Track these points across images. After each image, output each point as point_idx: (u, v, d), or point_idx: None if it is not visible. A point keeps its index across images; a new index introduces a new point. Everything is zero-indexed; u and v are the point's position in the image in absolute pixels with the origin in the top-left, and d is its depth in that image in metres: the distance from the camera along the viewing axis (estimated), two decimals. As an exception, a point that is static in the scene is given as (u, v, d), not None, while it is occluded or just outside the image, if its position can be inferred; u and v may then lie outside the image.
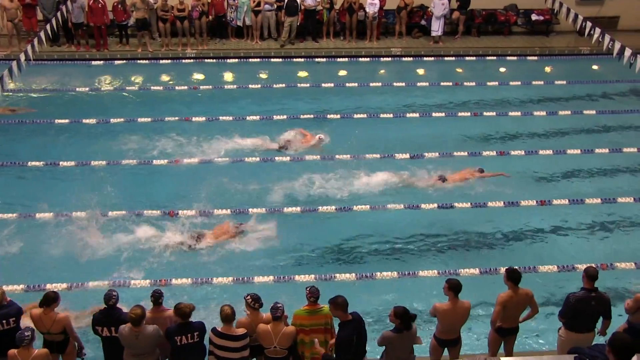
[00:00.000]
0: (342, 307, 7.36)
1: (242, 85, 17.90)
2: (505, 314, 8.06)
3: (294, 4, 19.33)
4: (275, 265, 11.04)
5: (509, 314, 8.09)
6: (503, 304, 7.98)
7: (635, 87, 17.77)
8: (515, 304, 8.05)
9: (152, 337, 7.28)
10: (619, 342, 5.78)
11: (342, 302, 7.38)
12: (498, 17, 21.27)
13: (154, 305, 7.72)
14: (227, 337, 7.36)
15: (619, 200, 12.74)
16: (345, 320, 7.39)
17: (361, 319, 7.53)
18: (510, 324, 8.22)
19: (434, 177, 13.23)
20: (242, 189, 12.89)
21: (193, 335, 7.30)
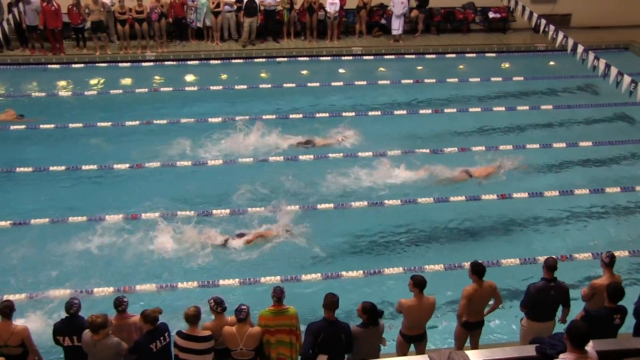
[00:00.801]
0: (325, 307, 7.36)
1: (204, 87, 17.79)
2: (470, 307, 8.20)
3: (253, 5, 19.29)
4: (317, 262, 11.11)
5: (474, 307, 8.23)
6: (468, 297, 8.11)
7: (588, 82, 18.16)
8: (480, 297, 8.19)
9: (111, 349, 7.07)
10: (575, 329, 5.95)
11: (327, 301, 7.35)
12: (456, 15, 21.54)
13: (117, 312, 7.59)
14: (192, 338, 7.30)
15: (576, 193, 13.05)
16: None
17: (332, 324, 7.37)
18: (476, 317, 8.36)
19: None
20: (202, 191, 12.92)
21: (164, 337, 7.26)
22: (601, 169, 14.10)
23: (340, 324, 7.42)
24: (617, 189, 13.20)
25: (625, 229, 12.17)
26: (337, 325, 7.38)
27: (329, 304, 7.34)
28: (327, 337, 7.30)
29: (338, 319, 7.43)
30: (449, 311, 9.83)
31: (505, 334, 9.41)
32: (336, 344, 7.37)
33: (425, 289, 7.86)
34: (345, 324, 7.48)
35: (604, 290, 7.67)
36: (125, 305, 7.60)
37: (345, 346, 7.46)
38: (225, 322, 7.63)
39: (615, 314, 7.53)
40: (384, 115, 16.09)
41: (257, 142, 14.62)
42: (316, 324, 7.41)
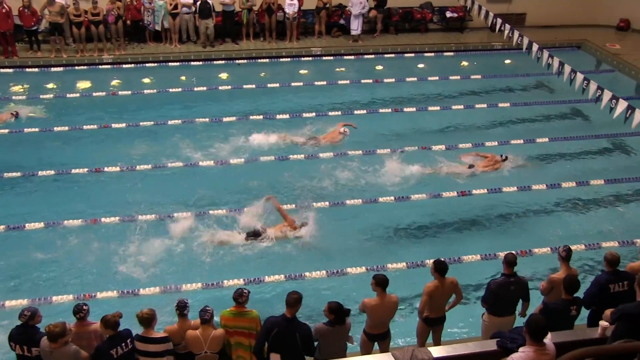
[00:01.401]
0: (286, 303, 7.30)
1: (163, 89, 17.60)
2: (432, 303, 8.29)
3: (207, 6, 19.16)
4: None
5: (435, 303, 8.32)
6: (429, 293, 8.20)
7: (543, 79, 18.54)
8: (441, 294, 8.29)
9: (69, 358, 6.92)
10: (533, 323, 6.07)
11: (288, 298, 7.31)
12: (414, 15, 21.75)
13: (77, 320, 7.46)
14: (147, 340, 7.25)
15: (534, 188, 13.28)
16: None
17: (289, 321, 7.30)
18: (437, 313, 8.45)
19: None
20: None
21: (126, 343, 7.13)
22: (557, 164, 14.38)
23: (297, 322, 7.34)
24: (573, 184, 13.49)
25: (581, 223, 12.43)
26: (294, 324, 7.30)
27: (290, 301, 7.28)
28: (281, 334, 7.24)
29: (297, 318, 7.37)
30: (412, 309, 9.92)
31: (467, 329, 9.52)
32: (290, 341, 7.28)
33: (388, 288, 7.91)
34: (305, 325, 7.43)
35: (561, 283, 7.86)
36: (84, 313, 7.46)
37: (303, 347, 7.39)
38: (188, 325, 7.58)
39: (571, 305, 7.73)
40: (344, 115, 16.12)
41: (218, 144, 14.54)
42: (272, 318, 7.38)
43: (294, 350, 7.34)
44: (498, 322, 8.23)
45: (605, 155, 14.99)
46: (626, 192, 13.47)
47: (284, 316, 7.30)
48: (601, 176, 13.77)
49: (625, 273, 8.12)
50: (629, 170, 14.10)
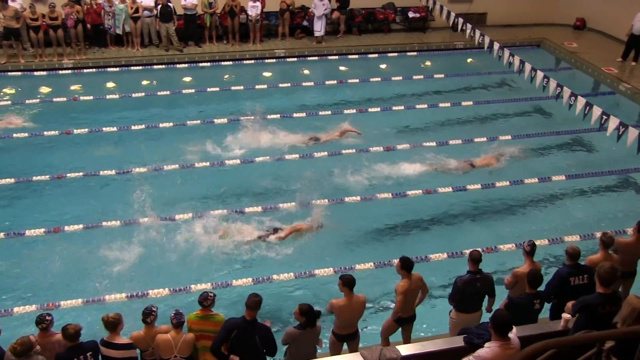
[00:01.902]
0: (247, 305, 7.27)
1: (125, 94, 17.39)
2: (403, 303, 8.36)
3: (168, 10, 19.00)
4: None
5: (407, 302, 8.39)
6: (405, 293, 8.26)
7: (505, 78, 18.82)
8: (412, 292, 8.38)
9: None
10: (498, 318, 6.17)
11: (249, 301, 7.29)
12: (377, 16, 21.87)
13: (40, 330, 7.32)
14: (110, 345, 7.19)
15: (497, 185, 13.47)
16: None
17: (249, 323, 7.29)
18: (408, 312, 8.53)
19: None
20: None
21: (85, 356, 6.98)
22: (520, 161, 14.55)
23: (257, 325, 7.32)
24: (535, 180, 13.70)
25: (544, 218, 12.63)
26: (254, 325, 7.28)
27: (251, 303, 7.26)
28: (240, 335, 7.23)
29: (257, 320, 7.34)
30: (380, 308, 9.98)
31: (436, 327, 9.59)
32: (250, 343, 7.27)
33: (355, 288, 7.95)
34: (265, 327, 7.42)
35: (525, 278, 7.98)
36: (47, 323, 7.32)
37: (264, 348, 7.38)
38: (156, 332, 7.51)
39: (535, 299, 7.86)
40: (308, 117, 16.14)
41: (183, 148, 14.44)
42: (232, 320, 7.36)
43: (254, 351, 7.33)
44: (465, 319, 8.34)
45: (566, 151, 15.26)
46: (587, 187, 13.73)
47: (243, 318, 7.28)
48: (563, 172, 14.02)
49: (586, 266, 8.30)
50: (589, 166, 14.37)
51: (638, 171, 13.99)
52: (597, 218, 12.60)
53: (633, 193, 13.79)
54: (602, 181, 13.94)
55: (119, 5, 18.80)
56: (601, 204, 13.22)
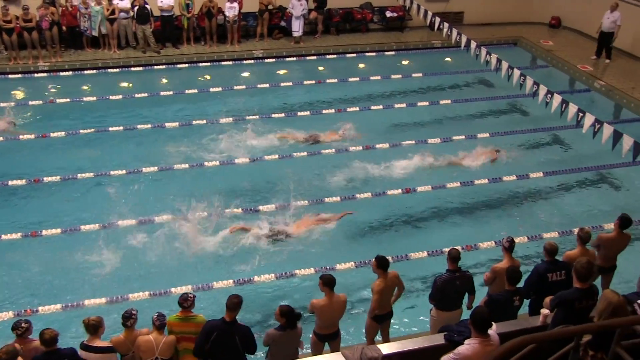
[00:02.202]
0: (227, 307, 7.24)
1: (102, 96, 17.20)
2: (380, 301, 8.38)
3: (145, 12, 18.87)
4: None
5: (383, 300, 8.42)
6: (380, 292, 8.29)
7: (482, 76, 18.95)
8: (387, 289, 8.41)
9: None
10: (477, 315, 6.21)
11: (228, 302, 7.27)
12: (355, 16, 21.91)
13: (17, 337, 7.22)
14: (89, 348, 7.13)
15: (476, 183, 13.55)
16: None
17: (228, 324, 7.27)
18: (385, 309, 8.56)
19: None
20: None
21: None
22: (498, 158, 14.66)
23: (237, 325, 7.30)
24: (514, 177, 13.82)
25: (522, 215, 12.75)
26: (233, 327, 7.25)
27: (230, 305, 7.23)
28: (220, 337, 7.19)
29: (237, 321, 7.31)
30: (360, 307, 10.01)
31: (417, 326, 9.64)
32: (230, 344, 7.24)
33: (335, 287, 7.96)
34: (244, 327, 7.40)
35: (504, 273, 8.06)
36: (22, 330, 7.22)
37: (244, 349, 7.36)
38: (136, 335, 7.47)
39: (514, 296, 7.93)
40: (287, 117, 16.14)
41: (156, 151, 14.40)
42: (211, 322, 7.34)
43: (234, 352, 7.31)
44: (446, 317, 8.37)
45: (544, 148, 15.39)
46: (564, 184, 13.87)
47: (223, 320, 7.26)
48: (541, 169, 14.14)
49: (563, 262, 8.39)
50: (566, 162, 14.51)
51: (613, 167, 14.14)
52: (575, 214, 12.73)
53: (609, 189, 13.95)
54: (579, 178, 14.09)
55: (94, 7, 18.62)
56: (579, 200, 13.36)
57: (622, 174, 14.11)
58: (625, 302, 6.30)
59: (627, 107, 17.35)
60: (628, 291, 7.84)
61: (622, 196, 13.61)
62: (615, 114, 17.47)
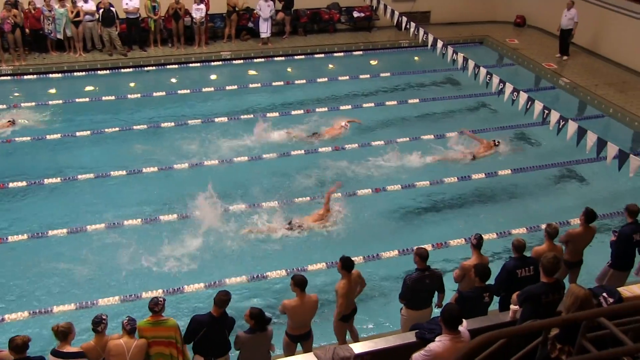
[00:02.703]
0: (214, 302, 7.46)
1: (68, 100, 16.97)
2: (345, 303, 8.42)
3: (110, 14, 18.66)
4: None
5: (348, 300, 8.45)
6: (345, 295, 8.32)
7: (449, 75, 19.13)
8: (352, 290, 8.45)
9: None
10: (447, 313, 6.28)
11: (216, 298, 7.47)
12: (322, 16, 21.95)
13: None
14: (60, 354, 7.04)
15: (446, 181, 13.67)
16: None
17: (215, 319, 7.48)
18: (350, 308, 8.60)
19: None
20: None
21: None
22: (466, 157, 14.81)
23: (225, 319, 7.56)
24: (482, 175, 13.97)
25: (491, 212, 12.88)
26: (221, 321, 7.49)
27: (219, 301, 7.45)
28: (210, 332, 7.48)
29: (226, 314, 7.54)
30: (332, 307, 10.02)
31: (388, 324, 9.69)
32: (220, 337, 7.57)
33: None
34: (232, 318, 7.67)
35: (473, 271, 8.13)
36: None
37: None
38: (106, 340, 7.40)
39: (484, 292, 8.01)
40: (256, 119, 16.07)
41: (123, 154, 14.28)
42: (199, 318, 7.57)
43: (223, 343, 7.65)
44: (416, 316, 8.41)
45: (511, 145, 15.54)
46: (531, 180, 14.05)
47: (210, 315, 7.48)
48: (508, 166, 14.31)
49: (531, 258, 8.51)
50: (533, 159, 14.70)
51: (579, 163, 14.38)
52: (542, 210, 12.89)
53: (575, 184, 14.18)
54: (546, 174, 14.29)
55: (58, 9, 18.35)
56: (546, 197, 13.54)
57: (587, 170, 14.36)
58: (591, 295, 6.41)
59: (590, 104, 17.68)
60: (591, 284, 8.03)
61: (588, 191, 13.85)
62: (580, 110, 17.78)
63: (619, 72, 19.20)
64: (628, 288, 8.35)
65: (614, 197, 13.25)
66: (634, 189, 13.20)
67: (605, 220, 12.31)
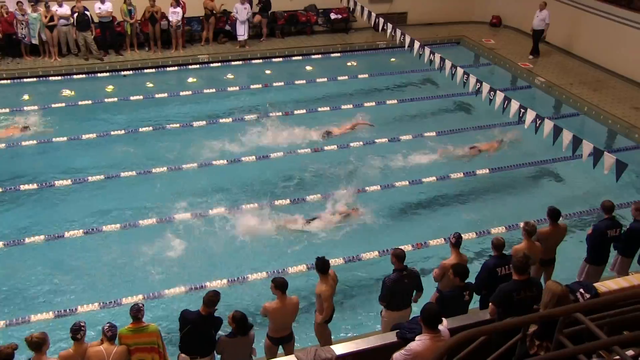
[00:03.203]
0: (203, 302, 7.57)
1: (44, 105, 16.75)
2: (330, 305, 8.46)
3: (85, 18, 18.48)
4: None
5: (328, 302, 8.46)
6: (327, 298, 8.34)
7: (427, 75, 19.22)
8: (331, 292, 8.45)
9: None
10: (426, 312, 6.31)
11: (205, 298, 7.58)
12: (299, 18, 21.94)
13: None
14: None
15: (424, 181, 13.72)
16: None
17: (203, 318, 7.55)
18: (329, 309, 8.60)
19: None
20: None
21: None
22: (445, 156, 14.85)
23: (213, 320, 7.64)
24: (461, 174, 14.06)
25: (470, 212, 12.96)
26: (208, 320, 7.59)
27: (207, 301, 7.56)
28: (194, 330, 7.56)
29: (212, 315, 7.60)
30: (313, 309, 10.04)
31: (369, 325, 9.72)
32: (205, 335, 7.65)
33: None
34: (219, 319, 7.74)
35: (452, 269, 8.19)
36: None
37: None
38: (85, 348, 7.32)
39: (464, 291, 8.07)
40: (234, 122, 16.05)
41: (101, 160, 14.18)
42: (187, 314, 7.67)
43: (209, 341, 7.70)
44: (396, 316, 8.44)
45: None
46: (510, 179, 14.17)
47: (199, 313, 7.58)
48: (486, 165, 14.41)
49: (511, 256, 8.56)
50: (511, 159, 14.79)
51: (556, 162, 14.53)
52: (521, 209, 12.95)
53: (552, 182, 14.32)
54: (524, 173, 14.42)
55: (32, 13, 18.14)
56: (524, 195, 13.66)
57: (563, 168, 14.51)
58: (568, 291, 6.51)
59: (566, 103, 17.88)
60: (570, 281, 8.12)
61: (566, 188, 14.01)
62: (555, 109, 17.98)
63: (592, 71, 19.45)
64: (603, 283, 8.49)
65: (590, 194, 13.41)
66: (611, 185, 13.31)
67: (584, 217, 12.47)
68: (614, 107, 16.96)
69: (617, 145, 15.72)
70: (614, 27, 18.91)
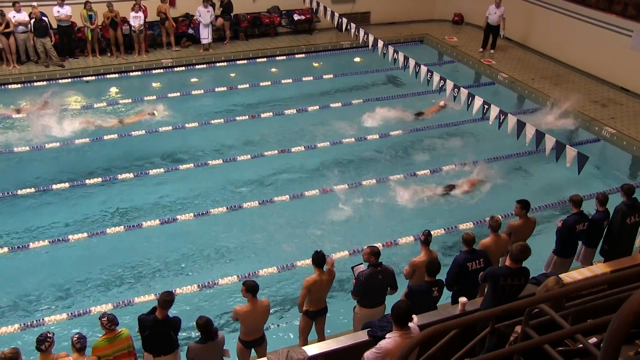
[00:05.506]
0: (158, 304, 7.59)
1: (3, 115, 16.41)
2: (311, 297, 8.50)
3: (43, 24, 18.15)
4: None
5: (314, 296, 8.51)
6: (308, 287, 8.40)
7: (391, 74, 19.34)
8: (320, 286, 8.48)
9: None
10: (396, 310, 6.34)
11: (159, 300, 7.62)
12: (263, 20, 21.87)
13: None
14: None
15: (391, 178, 13.78)
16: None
17: (159, 322, 7.58)
18: (317, 305, 8.67)
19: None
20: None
21: None
22: (414, 155, 14.98)
23: (170, 322, 7.65)
24: (427, 172, 14.16)
25: (439, 209, 13.04)
26: (165, 324, 7.63)
27: (162, 302, 7.52)
28: (154, 334, 7.62)
29: (168, 317, 7.62)
30: (286, 310, 10.05)
31: (342, 322, 9.72)
32: (165, 338, 7.72)
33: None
34: (177, 319, 7.79)
35: (422, 266, 8.26)
36: None
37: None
38: (53, 358, 7.20)
39: (433, 287, 8.14)
40: (201, 126, 15.93)
41: (63, 169, 14.00)
42: (143, 319, 7.68)
43: (169, 342, 7.80)
44: (369, 313, 8.49)
45: (454, 141, 15.77)
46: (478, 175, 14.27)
47: (155, 318, 7.57)
48: (453, 162, 14.51)
49: (481, 251, 8.70)
50: (478, 154, 14.86)
51: (520, 156, 14.72)
52: (487, 202, 13.13)
53: (520, 177, 14.45)
54: (491, 168, 14.53)
55: (-16, 21, 17.78)
56: (493, 191, 13.74)
57: (528, 162, 14.71)
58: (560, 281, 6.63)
59: (528, 98, 18.15)
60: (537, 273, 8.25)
61: (533, 182, 14.17)
62: (519, 104, 18.23)
63: (552, 66, 19.79)
64: (568, 274, 8.66)
65: (554, 187, 13.63)
66: (577, 178, 13.48)
67: (551, 209, 12.67)
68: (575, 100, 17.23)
69: (578, 139, 16.01)
70: (570, 23, 19.29)
